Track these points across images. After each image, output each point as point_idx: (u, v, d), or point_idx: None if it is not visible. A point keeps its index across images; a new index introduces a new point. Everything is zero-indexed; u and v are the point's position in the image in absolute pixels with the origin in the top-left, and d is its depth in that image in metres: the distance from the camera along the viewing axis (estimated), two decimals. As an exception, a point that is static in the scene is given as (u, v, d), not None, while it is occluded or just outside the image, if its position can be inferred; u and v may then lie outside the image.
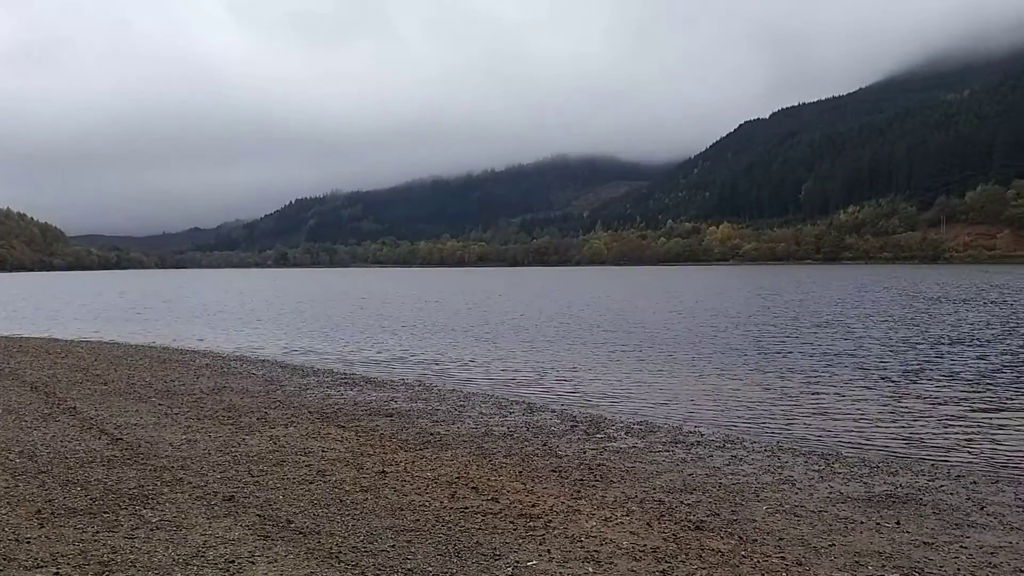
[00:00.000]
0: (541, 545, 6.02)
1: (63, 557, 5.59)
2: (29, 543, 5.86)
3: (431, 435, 10.57)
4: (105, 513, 6.64)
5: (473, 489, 7.66)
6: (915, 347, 21.21)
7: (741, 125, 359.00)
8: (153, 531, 6.17)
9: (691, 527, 6.63)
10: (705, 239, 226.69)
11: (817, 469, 8.93)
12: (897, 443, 10.54)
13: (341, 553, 5.75)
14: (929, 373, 16.59)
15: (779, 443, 10.48)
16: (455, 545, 5.98)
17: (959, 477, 8.64)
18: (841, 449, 10.19)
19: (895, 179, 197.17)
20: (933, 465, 9.27)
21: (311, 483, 7.78)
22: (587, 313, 37.66)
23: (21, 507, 6.77)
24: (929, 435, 10.99)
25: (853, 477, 8.57)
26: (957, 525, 6.87)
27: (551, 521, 6.64)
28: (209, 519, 6.49)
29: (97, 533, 6.12)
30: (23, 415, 11.37)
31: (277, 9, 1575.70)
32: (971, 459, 9.62)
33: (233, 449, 9.31)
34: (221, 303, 53.54)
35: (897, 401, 13.60)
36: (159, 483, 7.63)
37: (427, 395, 14.38)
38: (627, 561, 5.70)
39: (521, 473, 8.49)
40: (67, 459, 8.62)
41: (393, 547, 5.92)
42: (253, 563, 5.51)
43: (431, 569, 5.49)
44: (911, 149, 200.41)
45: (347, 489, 7.57)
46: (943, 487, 8.17)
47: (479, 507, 7.03)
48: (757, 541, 6.28)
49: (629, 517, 6.84)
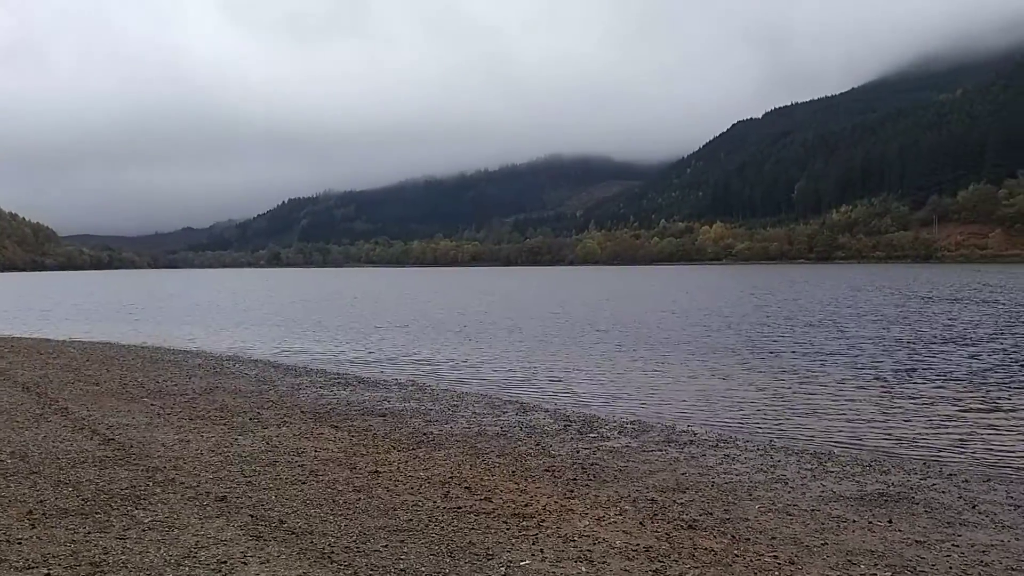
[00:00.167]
0: (534, 545, 6.02)
1: (54, 558, 5.57)
2: (20, 544, 5.83)
3: (424, 435, 10.57)
4: (97, 514, 6.61)
5: (466, 489, 7.65)
6: (907, 346, 21.28)
7: (734, 125, 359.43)
8: (145, 532, 6.15)
9: (684, 526, 6.63)
10: (698, 239, 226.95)
11: (810, 468, 8.95)
12: (889, 442, 10.57)
13: (334, 553, 5.74)
14: (921, 372, 16.64)
15: (772, 442, 10.51)
16: (448, 545, 5.98)
17: (951, 476, 8.67)
18: (833, 448, 10.22)
19: (887, 179, 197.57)
20: (925, 464, 9.30)
21: (304, 483, 7.77)
22: (580, 313, 37.69)
23: (12, 508, 6.74)
24: (921, 434, 11.03)
25: (845, 476, 8.59)
26: (949, 524, 6.89)
27: (544, 521, 6.64)
28: (201, 519, 6.47)
29: (89, 534, 6.10)
30: (14, 415, 11.31)
31: (270, 9, 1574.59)
32: (963, 458, 9.66)
33: (226, 449, 9.29)
34: (214, 303, 53.43)
35: (889, 400, 13.64)
36: (151, 483, 7.60)
37: (420, 395, 14.37)
38: (620, 560, 5.71)
39: (514, 473, 8.49)
40: (59, 460, 8.58)
41: (386, 547, 5.91)
42: (245, 563, 5.50)
43: (424, 569, 5.48)
44: (903, 149, 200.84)
45: (340, 489, 7.56)
46: (935, 486, 8.20)
47: (472, 507, 7.03)
48: (750, 540, 6.28)
49: (622, 516, 6.85)
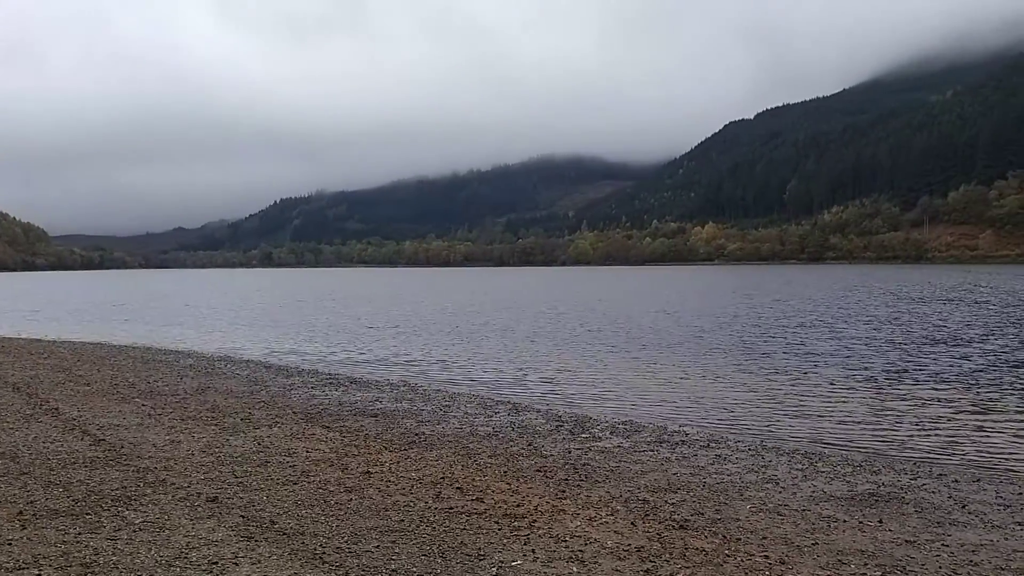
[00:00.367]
0: (526, 545, 6.03)
1: (45, 559, 5.55)
2: (11, 545, 5.82)
3: (416, 435, 10.56)
4: (87, 514, 6.60)
5: (458, 489, 7.65)
6: (898, 347, 21.35)
7: (726, 126, 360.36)
8: (136, 532, 6.14)
9: (675, 526, 6.64)
10: (690, 239, 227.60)
11: (800, 468, 8.97)
12: (880, 442, 10.60)
13: (325, 554, 5.73)
14: (912, 373, 16.70)
15: (763, 442, 10.53)
16: (440, 545, 5.98)
17: (941, 476, 8.70)
18: (824, 448, 10.25)
19: (878, 179, 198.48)
20: (915, 464, 9.33)
21: (295, 484, 7.76)
22: (572, 313, 37.70)
23: (3, 509, 6.72)
24: (911, 435, 11.06)
25: (836, 476, 8.62)
26: (939, 523, 6.92)
27: (536, 521, 6.65)
28: (192, 520, 6.46)
29: (79, 535, 6.09)
30: (4, 416, 11.27)
31: (262, 8, 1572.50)
32: (953, 458, 9.69)
33: (217, 450, 9.27)
34: (205, 303, 53.28)
35: (880, 401, 13.68)
36: (142, 484, 7.59)
37: (412, 395, 14.36)
38: (611, 561, 5.72)
39: (506, 473, 8.50)
40: (49, 460, 8.56)
41: (378, 547, 5.91)
42: (236, 564, 5.49)
43: (415, 569, 5.48)
44: (894, 150, 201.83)
45: (331, 490, 7.55)
46: (925, 486, 8.23)
47: (464, 507, 7.03)
48: (741, 540, 6.30)
49: (614, 516, 6.86)
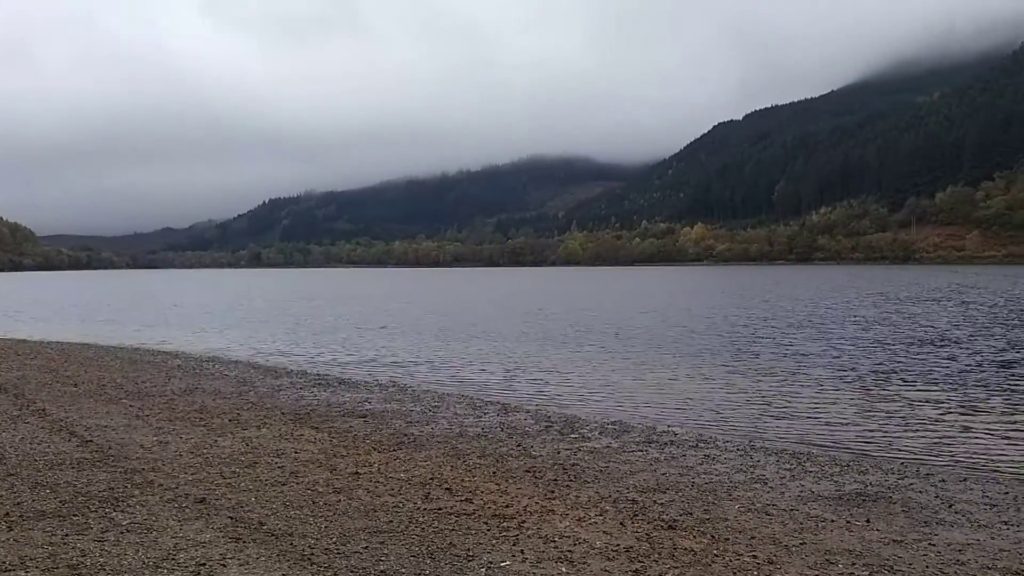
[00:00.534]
0: (515, 545, 6.03)
1: (32, 560, 5.52)
2: (-4, 547, 5.78)
3: (405, 436, 10.54)
4: (75, 516, 6.56)
5: (447, 490, 7.65)
6: (886, 348, 21.45)
7: (715, 127, 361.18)
8: (123, 534, 6.11)
9: (664, 526, 6.66)
10: (679, 240, 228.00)
11: (789, 468, 9.00)
12: (867, 442, 10.64)
13: (314, 555, 5.72)
14: (899, 374, 16.77)
15: (751, 442, 10.56)
16: (428, 546, 5.98)
17: (928, 476, 8.74)
18: (812, 448, 10.29)
19: (866, 180, 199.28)
20: (902, 464, 9.37)
21: (284, 485, 7.74)
22: (562, 313, 37.73)
23: (-12, 511, 6.68)
24: (899, 435, 11.11)
25: (824, 476, 8.65)
26: (926, 523, 6.95)
27: (525, 521, 6.65)
28: (180, 522, 6.43)
29: (66, 536, 6.06)
30: (-10, 417, 11.20)
31: (251, 8, 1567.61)
32: (940, 458, 9.74)
33: (205, 451, 9.24)
34: (193, 304, 53.07)
35: (867, 401, 13.74)
36: (129, 485, 7.55)
37: (401, 396, 14.34)
38: (600, 561, 5.72)
39: (495, 474, 8.49)
40: (36, 461, 8.51)
41: (366, 548, 5.90)
42: (224, 566, 5.47)
43: (404, 570, 5.47)
44: (882, 151, 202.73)
45: (320, 491, 7.53)
46: (912, 485, 8.27)
47: (453, 508, 7.03)
48: (729, 540, 6.31)
49: (603, 517, 6.86)
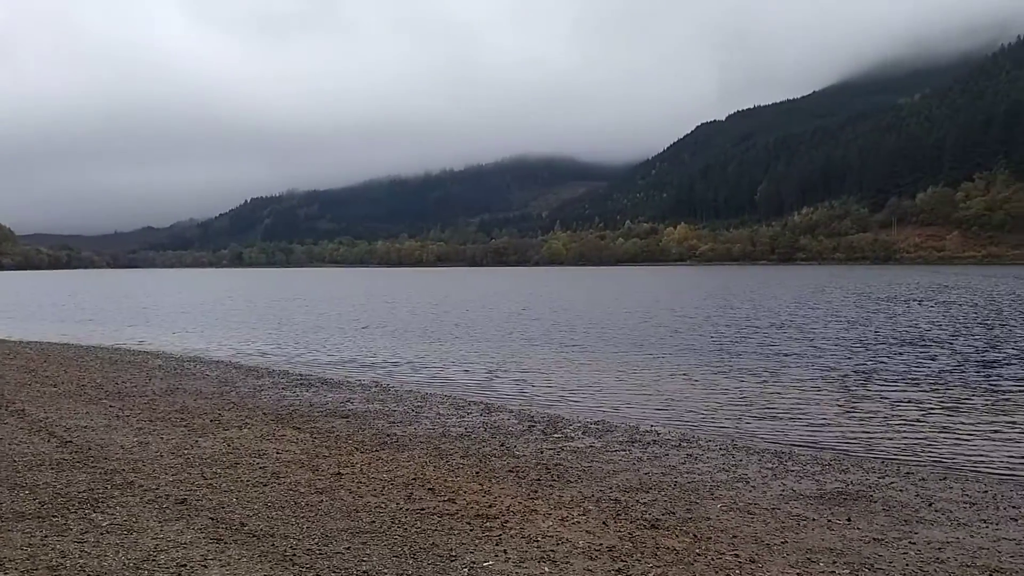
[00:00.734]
0: (497, 545, 6.03)
1: (11, 562, 5.47)
2: (-26, 549, 5.73)
3: (388, 436, 10.52)
4: (54, 517, 6.51)
5: (430, 490, 7.64)
6: (867, 347, 21.59)
7: (698, 127, 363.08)
8: (103, 535, 6.07)
9: (647, 526, 6.67)
10: (663, 240, 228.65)
11: (771, 467, 9.04)
12: (849, 442, 10.71)
13: (296, 556, 5.70)
14: (880, 373, 16.89)
15: (734, 442, 10.60)
16: (411, 546, 5.96)
17: (908, 475, 8.81)
18: (794, 448, 10.34)
19: (848, 181, 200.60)
20: (883, 463, 9.44)
21: (265, 485, 7.70)
22: (545, 313, 37.74)
23: (-35, 512, 6.61)
24: (880, 434, 11.18)
25: (806, 475, 8.70)
26: (906, 521, 7.00)
27: (508, 521, 6.65)
28: (161, 523, 6.39)
29: (46, 537, 6.00)
30: (-32, 418, 11.09)
31: (234, 7, 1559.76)
32: (920, 457, 9.82)
33: (186, 451, 9.18)
34: (174, 303, 52.75)
35: (849, 401, 13.82)
36: (110, 486, 7.49)
37: (383, 396, 14.30)
38: (583, 560, 5.73)
39: (478, 473, 8.49)
40: (15, 462, 8.43)
41: (348, 549, 5.88)
42: (206, 567, 5.44)
43: (386, 571, 5.46)
44: (863, 151, 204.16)
45: (302, 491, 7.50)
46: (893, 484, 8.32)
47: (435, 508, 7.01)
48: (711, 539, 6.34)
49: (585, 516, 6.87)
